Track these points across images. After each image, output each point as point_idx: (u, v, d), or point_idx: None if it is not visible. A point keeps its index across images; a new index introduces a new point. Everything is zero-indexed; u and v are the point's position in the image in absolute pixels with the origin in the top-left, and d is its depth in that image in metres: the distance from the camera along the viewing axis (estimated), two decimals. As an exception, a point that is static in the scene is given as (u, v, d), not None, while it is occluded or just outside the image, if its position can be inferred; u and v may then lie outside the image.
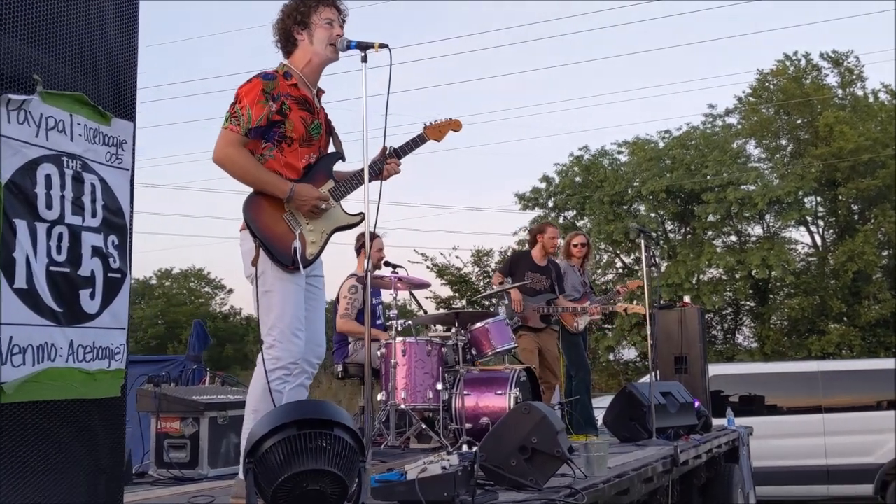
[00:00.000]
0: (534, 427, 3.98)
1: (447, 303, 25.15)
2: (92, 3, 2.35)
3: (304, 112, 3.81)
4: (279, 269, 3.65)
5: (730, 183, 22.72)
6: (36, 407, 2.12)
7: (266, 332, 3.65)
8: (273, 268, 3.65)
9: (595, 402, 8.63)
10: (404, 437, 5.78)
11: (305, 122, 3.80)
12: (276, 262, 3.64)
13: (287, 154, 3.76)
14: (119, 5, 2.44)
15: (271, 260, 3.64)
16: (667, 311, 8.85)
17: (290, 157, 3.77)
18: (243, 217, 3.69)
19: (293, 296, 3.69)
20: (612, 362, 25.45)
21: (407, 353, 5.86)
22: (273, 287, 3.65)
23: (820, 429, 10.55)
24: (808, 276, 23.39)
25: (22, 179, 2.13)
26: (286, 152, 3.75)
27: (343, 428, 2.91)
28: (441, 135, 4.27)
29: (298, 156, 3.79)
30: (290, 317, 3.66)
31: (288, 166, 3.75)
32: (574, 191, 25.41)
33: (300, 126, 3.77)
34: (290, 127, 3.74)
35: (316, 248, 3.81)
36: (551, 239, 7.74)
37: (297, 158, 3.79)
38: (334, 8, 3.92)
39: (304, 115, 3.80)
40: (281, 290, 3.65)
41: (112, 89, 2.44)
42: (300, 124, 3.77)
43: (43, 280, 2.15)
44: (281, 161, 3.74)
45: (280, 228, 3.69)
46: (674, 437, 6.54)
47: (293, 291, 3.69)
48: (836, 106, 24.08)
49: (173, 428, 5.72)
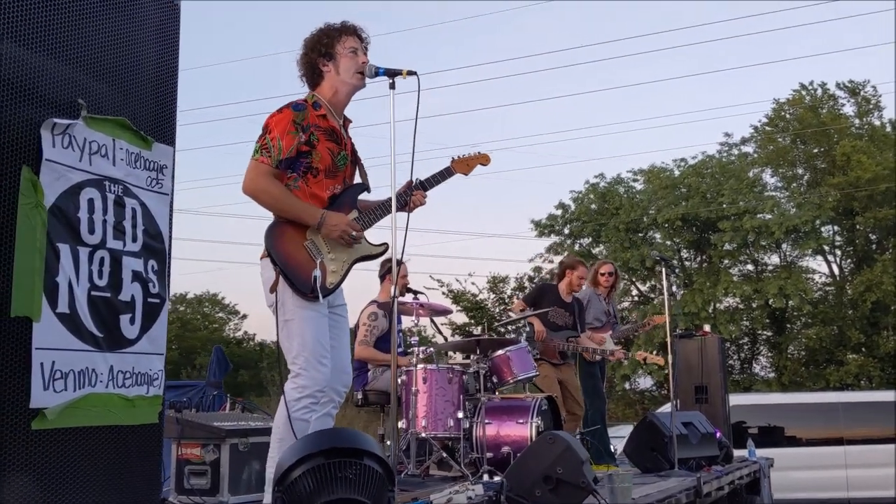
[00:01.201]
0: (558, 457, 3.94)
1: (462, 329, 25.08)
2: (134, 29, 2.37)
3: (332, 143, 3.80)
4: (299, 297, 3.61)
5: (746, 211, 22.67)
6: (75, 433, 2.12)
7: (291, 361, 3.61)
8: (293, 296, 3.61)
9: (611, 431, 8.55)
10: (424, 465, 5.73)
11: (332, 154, 3.79)
12: (296, 291, 3.61)
13: (312, 185, 3.74)
14: (160, 31, 2.46)
15: (291, 288, 3.61)
16: (686, 339, 8.79)
17: (315, 188, 3.75)
18: (264, 245, 3.67)
19: (314, 323, 3.65)
20: (629, 391, 25.27)
21: (428, 381, 5.82)
22: (294, 315, 3.62)
23: (842, 461, 10.41)
24: (825, 306, 23.23)
25: (65, 204, 2.14)
26: (311, 183, 3.73)
27: (372, 457, 2.90)
28: (469, 169, 4.25)
29: (323, 186, 3.77)
30: (314, 344, 3.62)
31: (313, 197, 3.73)
32: (590, 218, 25.42)
33: (327, 157, 3.75)
34: (316, 158, 3.72)
35: (336, 277, 3.77)
36: (580, 279, 7.70)
37: (322, 189, 3.77)
38: (356, 36, 3.92)
39: (331, 147, 3.79)
40: (302, 318, 3.61)
41: (153, 114, 2.46)
42: (327, 155, 3.75)
43: (85, 305, 2.15)
44: (306, 192, 3.72)
45: (301, 256, 3.66)
46: (696, 468, 6.46)
47: (314, 319, 3.65)
48: (853, 135, 24.04)
49: (194, 454, 5.68)
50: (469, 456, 5.72)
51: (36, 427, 2.02)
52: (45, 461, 2.05)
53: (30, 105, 2.09)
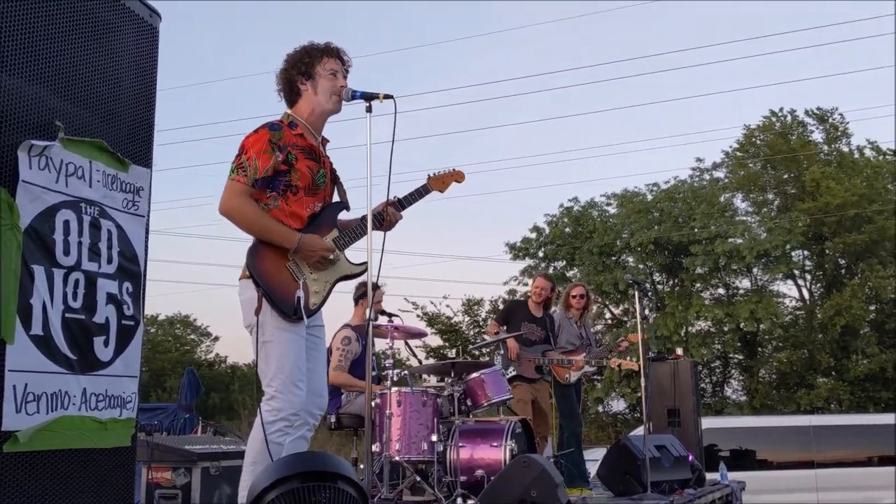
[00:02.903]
0: (533, 480, 3.96)
1: (437, 352, 25.03)
2: (112, 51, 2.38)
3: (311, 161, 3.79)
4: (280, 318, 3.59)
5: (717, 236, 22.89)
6: (47, 456, 2.10)
7: (266, 383, 3.58)
8: (274, 317, 3.59)
9: (584, 453, 8.56)
10: (398, 489, 5.70)
11: (312, 171, 3.78)
12: (278, 312, 3.59)
13: (292, 203, 3.73)
14: (139, 55, 2.47)
15: (273, 309, 3.59)
16: (659, 363, 8.83)
17: (295, 207, 3.74)
18: (246, 265, 3.65)
19: (293, 346, 3.63)
20: (602, 414, 25.32)
21: (402, 404, 5.79)
22: (273, 337, 3.59)
23: (812, 484, 10.47)
24: (796, 330, 23.47)
25: (41, 225, 2.13)
26: (291, 201, 3.73)
27: (346, 480, 2.89)
28: (445, 186, 4.27)
29: (303, 205, 3.77)
30: (291, 367, 3.59)
31: (293, 215, 3.73)
32: (564, 241, 25.53)
33: (307, 175, 3.74)
34: (296, 176, 3.71)
35: (319, 297, 3.77)
36: (535, 288, 7.78)
37: (302, 207, 3.77)
38: (338, 59, 3.93)
39: (310, 165, 3.78)
40: (281, 340, 3.59)
41: (130, 136, 2.46)
42: (307, 173, 3.75)
43: (59, 327, 2.14)
44: (286, 210, 3.71)
45: (283, 277, 3.65)
46: (668, 492, 6.48)
47: (293, 341, 3.63)
48: (822, 161, 24.42)
49: (164, 478, 5.64)
50: (443, 479, 5.70)
51: (8, 450, 2.00)
52: (16, 484, 2.03)
53: (7, 128, 2.09)
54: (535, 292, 7.78)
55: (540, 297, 7.73)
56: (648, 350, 10.45)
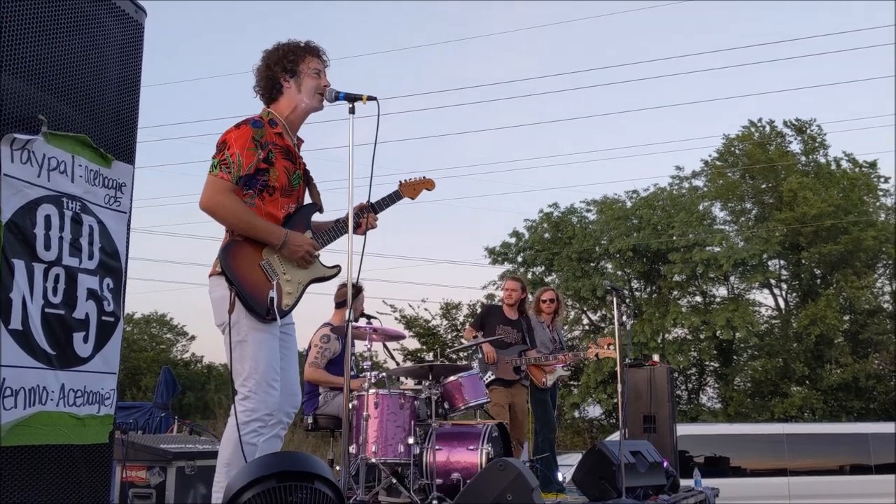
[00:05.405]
0: (509, 484, 3.97)
1: (415, 355, 25.02)
2: (97, 47, 2.36)
3: (287, 161, 3.78)
4: (253, 318, 3.58)
5: (695, 244, 23.05)
6: (23, 451, 2.08)
7: (240, 383, 3.55)
8: (247, 317, 3.57)
9: (559, 458, 8.58)
10: (374, 491, 5.69)
11: (288, 172, 3.77)
12: (252, 312, 3.57)
13: (268, 203, 3.71)
14: (123, 49, 2.46)
15: (246, 309, 3.56)
16: (636, 369, 8.88)
17: (271, 207, 3.72)
18: (220, 263, 3.61)
19: (268, 345, 3.61)
20: (578, 419, 25.39)
21: (379, 406, 5.79)
22: (247, 336, 3.57)
23: (785, 491, 10.57)
24: (771, 339, 23.65)
25: (22, 219, 2.12)
26: (267, 201, 3.71)
27: (323, 481, 2.89)
28: (415, 193, 4.29)
29: (279, 205, 3.75)
30: (265, 367, 3.58)
31: (268, 216, 3.70)
32: (543, 247, 25.61)
33: (283, 175, 3.74)
34: (273, 176, 3.69)
35: (292, 298, 3.75)
36: (506, 290, 7.82)
37: (278, 208, 3.75)
38: (319, 59, 3.94)
39: (287, 165, 3.77)
40: (255, 339, 3.57)
41: (113, 131, 2.44)
42: (283, 174, 3.74)
43: (38, 322, 2.13)
44: (262, 210, 3.69)
45: (257, 277, 3.62)
46: (643, 497, 6.52)
47: (267, 341, 3.61)
48: (799, 172, 24.64)
49: (139, 477, 5.60)
50: (418, 482, 5.70)
51: (-17, 445, 1.99)
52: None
53: (-11, 121, 2.07)
54: (506, 295, 7.81)
55: (512, 300, 7.75)
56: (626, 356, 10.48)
